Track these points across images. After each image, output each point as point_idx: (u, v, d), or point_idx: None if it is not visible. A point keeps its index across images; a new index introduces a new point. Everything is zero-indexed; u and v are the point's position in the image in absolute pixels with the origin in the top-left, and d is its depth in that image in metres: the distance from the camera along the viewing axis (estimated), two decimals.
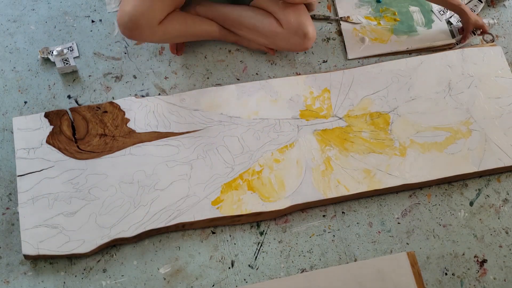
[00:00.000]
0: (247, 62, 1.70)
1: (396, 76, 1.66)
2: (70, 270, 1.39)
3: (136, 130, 1.54)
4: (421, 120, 1.60)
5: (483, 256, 1.45)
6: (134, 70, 1.66)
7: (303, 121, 1.58)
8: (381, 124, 1.59)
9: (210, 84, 1.65)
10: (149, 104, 1.58)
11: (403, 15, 1.79)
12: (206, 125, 1.56)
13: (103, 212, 1.42)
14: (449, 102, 1.63)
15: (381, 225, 1.48)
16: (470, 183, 1.54)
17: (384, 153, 1.54)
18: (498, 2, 1.85)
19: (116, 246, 1.42)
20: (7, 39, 1.69)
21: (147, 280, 1.38)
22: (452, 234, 1.48)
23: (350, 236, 1.46)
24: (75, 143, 1.51)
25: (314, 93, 1.63)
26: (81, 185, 1.45)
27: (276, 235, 1.46)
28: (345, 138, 1.56)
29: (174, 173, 1.48)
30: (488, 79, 1.67)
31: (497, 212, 1.51)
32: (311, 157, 1.52)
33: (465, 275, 1.42)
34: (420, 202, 1.51)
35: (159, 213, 1.42)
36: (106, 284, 1.37)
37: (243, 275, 1.40)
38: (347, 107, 1.61)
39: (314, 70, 1.69)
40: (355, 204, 1.50)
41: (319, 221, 1.48)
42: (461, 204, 1.52)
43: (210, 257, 1.42)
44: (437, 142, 1.56)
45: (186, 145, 1.52)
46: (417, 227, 1.48)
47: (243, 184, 1.48)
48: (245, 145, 1.53)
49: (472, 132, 1.58)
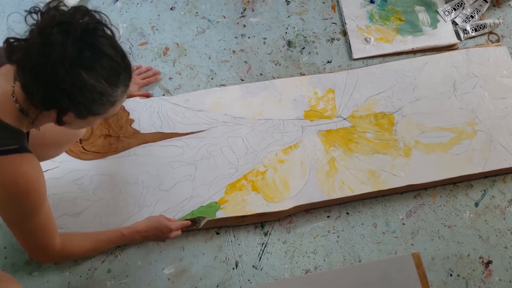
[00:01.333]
0: (251, 63, 1.69)
1: (400, 77, 1.66)
2: (74, 270, 1.39)
3: (141, 131, 1.54)
4: (426, 121, 1.59)
5: (488, 257, 1.45)
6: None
7: (308, 121, 1.58)
8: (385, 124, 1.58)
9: (214, 85, 1.65)
10: (154, 104, 1.58)
11: (409, 15, 1.79)
12: (210, 125, 1.56)
13: (108, 213, 1.42)
14: (454, 103, 1.62)
15: (385, 226, 1.48)
16: (475, 183, 1.54)
17: (388, 154, 1.53)
18: (504, 2, 1.84)
19: (120, 247, 1.42)
20: None
21: (152, 280, 1.39)
22: (457, 235, 1.47)
23: (354, 237, 1.46)
24: (79, 144, 1.51)
25: (319, 94, 1.63)
26: (85, 185, 1.45)
27: (280, 236, 1.45)
28: (349, 139, 1.56)
29: (178, 174, 1.48)
30: (493, 79, 1.66)
31: (502, 213, 1.50)
32: (315, 158, 1.52)
33: (470, 276, 1.42)
34: (425, 203, 1.51)
35: (163, 214, 1.42)
36: (110, 284, 1.38)
37: (247, 276, 1.40)
38: (351, 108, 1.61)
39: (319, 71, 1.69)
40: (359, 205, 1.50)
41: (323, 221, 1.48)
42: (466, 205, 1.51)
43: (214, 257, 1.42)
44: (442, 142, 1.56)
45: (191, 145, 1.52)
46: (422, 228, 1.47)
47: (247, 184, 1.48)
48: (249, 145, 1.53)
49: (477, 132, 1.58)
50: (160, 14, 1.76)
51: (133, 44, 1.71)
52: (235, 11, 1.78)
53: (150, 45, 1.71)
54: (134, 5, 1.77)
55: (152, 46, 1.71)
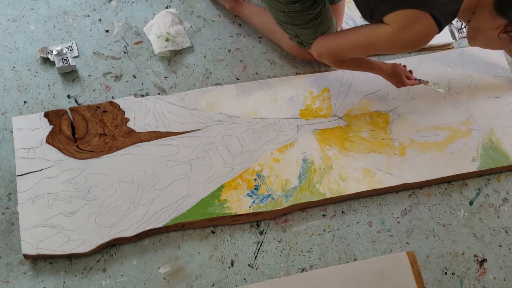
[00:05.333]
0: (246, 62, 1.69)
1: None
2: (70, 269, 1.39)
3: (136, 130, 1.54)
4: (421, 120, 1.60)
5: (483, 255, 1.45)
6: (133, 70, 1.66)
7: (303, 120, 1.58)
8: (380, 123, 1.59)
9: (210, 84, 1.65)
10: (149, 103, 1.58)
11: None
12: (205, 124, 1.56)
13: (103, 212, 1.42)
14: (448, 102, 1.63)
15: (381, 224, 1.48)
16: (469, 182, 1.54)
17: (384, 153, 1.54)
18: None
19: (116, 246, 1.42)
20: (6, 38, 1.69)
21: (147, 279, 1.38)
22: (452, 233, 1.48)
23: (350, 235, 1.46)
24: (74, 143, 1.50)
25: (314, 93, 1.63)
26: (80, 184, 1.45)
27: (276, 235, 1.45)
28: (344, 138, 1.56)
29: (173, 173, 1.48)
30: (488, 78, 1.67)
31: (496, 212, 1.51)
32: (311, 157, 1.52)
33: (465, 275, 1.43)
34: (420, 201, 1.51)
35: (159, 213, 1.42)
36: (106, 283, 1.37)
37: (243, 275, 1.40)
38: (346, 107, 1.61)
39: (314, 70, 1.69)
40: (354, 203, 1.50)
41: (318, 220, 1.48)
42: (460, 203, 1.52)
43: (210, 256, 1.42)
44: (437, 141, 1.56)
45: (186, 144, 1.52)
46: (417, 227, 1.48)
47: (243, 183, 1.48)
48: (245, 144, 1.53)
49: (472, 131, 1.58)
50: (155, 13, 1.75)
51: (128, 43, 1.71)
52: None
53: (146, 43, 1.71)
54: (129, 4, 1.77)
55: (147, 45, 1.70)
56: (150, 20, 1.73)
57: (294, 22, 1.47)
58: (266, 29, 1.68)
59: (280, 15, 1.48)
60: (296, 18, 1.45)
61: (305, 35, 1.51)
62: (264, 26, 1.67)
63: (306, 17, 1.45)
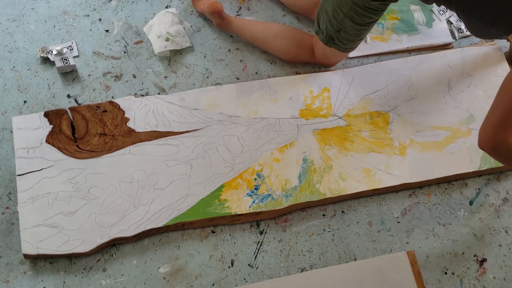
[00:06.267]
0: (246, 61, 1.69)
1: (396, 75, 1.66)
2: (70, 269, 1.39)
3: (136, 130, 1.54)
4: (421, 119, 1.60)
5: (483, 255, 1.45)
6: (133, 69, 1.66)
7: (303, 120, 1.58)
8: (380, 123, 1.59)
9: (210, 83, 1.65)
10: (149, 103, 1.58)
11: (404, 14, 1.79)
12: (205, 124, 1.56)
13: (103, 212, 1.42)
14: (448, 101, 1.63)
15: (380, 224, 1.48)
16: (469, 182, 1.54)
17: (383, 152, 1.54)
18: None
19: (116, 246, 1.42)
20: (6, 38, 1.69)
21: (147, 279, 1.38)
22: (451, 233, 1.48)
23: (349, 235, 1.46)
24: (74, 143, 1.51)
25: (314, 92, 1.63)
26: (80, 184, 1.45)
27: (276, 235, 1.46)
28: (344, 138, 1.56)
29: (173, 173, 1.48)
30: (488, 78, 1.67)
31: (496, 211, 1.51)
32: (311, 157, 1.52)
33: (465, 274, 1.43)
34: (419, 201, 1.51)
35: (159, 213, 1.42)
36: (106, 283, 1.38)
37: (242, 275, 1.40)
38: (346, 106, 1.61)
39: (314, 69, 1.69)
40: (354, 203, 1.50)
41: (318, 220, 1.48)
42: (460, 203, 1.52)
43: (210, 256, 1.42)
44: (437, 141, 1.56)
45: (186, 144, 1.52)
46: (416, 226, 1.48)
47: (243, 183, 1.48)
48: (245, 144, 1.53)
49: (472, 131, 1.58)
50: (155, 12, 1.75)
51: (128, 42, 1.71)
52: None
53: (146, 43, 1.71)
54: (129, 4, 1.77)
55: (147, 45, 1.70)
56: (150, 20, 1.73)
57: (353, 18, 1.44)
58: (257, 40, 1.67)
59: (344, 5, 1.42)
60: (358, 15, 1.42)
61: (347, 33, 1.48)
62: (254, 38, 1.67)
63: (367, 19, 1.43)
